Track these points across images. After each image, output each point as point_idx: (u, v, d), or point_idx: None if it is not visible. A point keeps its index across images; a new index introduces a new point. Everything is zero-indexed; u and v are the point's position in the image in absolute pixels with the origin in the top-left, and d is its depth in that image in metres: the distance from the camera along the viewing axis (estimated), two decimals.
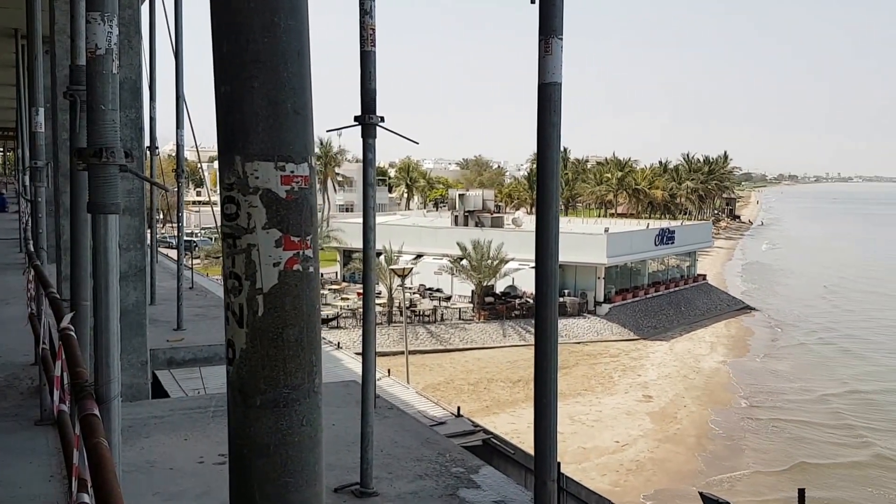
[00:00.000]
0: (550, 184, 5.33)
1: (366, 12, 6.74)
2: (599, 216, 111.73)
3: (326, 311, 48.47)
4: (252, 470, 1.83)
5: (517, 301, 51.15)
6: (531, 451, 5.88)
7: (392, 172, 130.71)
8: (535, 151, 5.39)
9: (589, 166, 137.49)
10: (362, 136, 6.94)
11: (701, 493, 9.33)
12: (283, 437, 1.81)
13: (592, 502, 15.26)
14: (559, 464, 16.91)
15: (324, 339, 31.49)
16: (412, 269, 45.91)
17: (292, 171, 1.81)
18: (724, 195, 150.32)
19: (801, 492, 8.44)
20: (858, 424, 33.61)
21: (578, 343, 47.76)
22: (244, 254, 1.80)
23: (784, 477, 27.97)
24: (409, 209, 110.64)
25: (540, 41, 5.11)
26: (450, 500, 7.05)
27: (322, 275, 63.14)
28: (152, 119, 16.62)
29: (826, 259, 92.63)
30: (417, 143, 8.13)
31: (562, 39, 5.10)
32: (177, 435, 8.03)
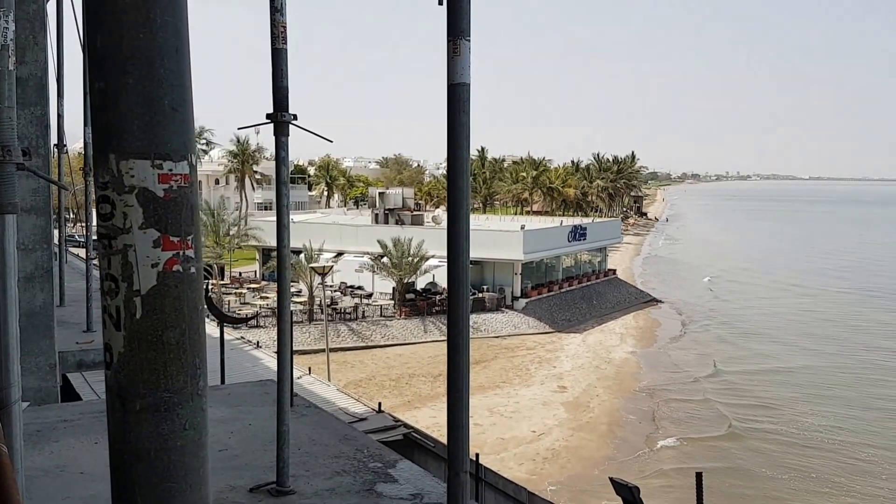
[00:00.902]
0: (460, 182, 5.38)
1: (276, 10, 6.68)
2: (516, 214, 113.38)
3: (245, 311, 47.71)
4: (133, 476, 1.77)
5: (437, 297, 51.35)
6: None
7: (312, 171, 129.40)
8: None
9: (505, 165, 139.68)
10: (275, 135, 6.91)
11: (611, 479, 9.55)
12: (165, 442, 1.76)
13: (509, 491, 15.55)
14: (477, 455, 17.06)
15: (242, 338, 31.08)
16: (332, 267, 45.57)
17: (170, 170, 1.76)
18: (632, 193, 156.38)
19: (699, 475, 8.72)
20: (718, 401, 36.93)
21: (497, 337, 48.29)
22: (120, 255, 1.74)
23: (679, 452, 30.63)
24: (329, 207, 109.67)
25: (448, 42, 5.15)
26: (367, 495, 7.07)
27: (240, 274, 62.16)
28: (60, 116, 16.02)
29: (715, 252, 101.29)
30: (332, 142, 8.09)
31: (469, 41, 5.15)
32: (87, 438, 7.84)
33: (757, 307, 61.46)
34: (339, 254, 54.52)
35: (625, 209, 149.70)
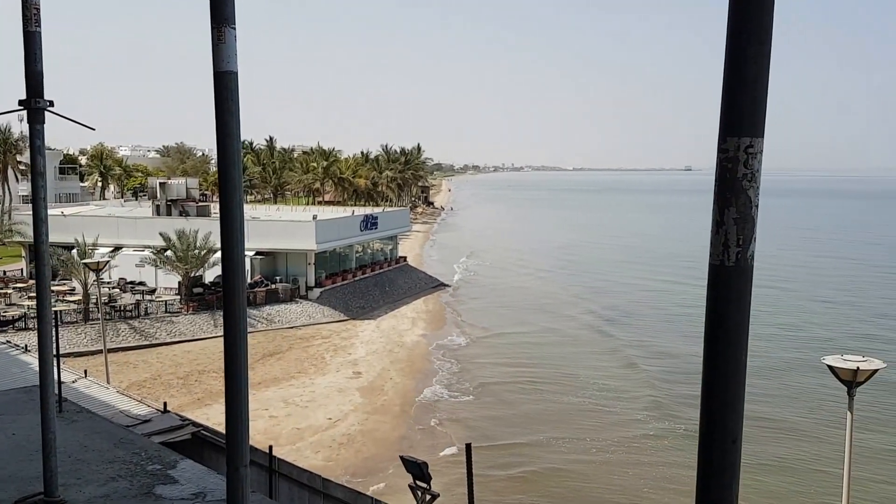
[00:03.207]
0: (232, 172, 5.31)
1: None
2: (308, 204, 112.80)
3: (11, 312, 43.91)
4: None
5: None
6: None
7: (84, 160, 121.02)
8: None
9: (295, 155, 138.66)
10: (28, 122, 6.52)
11: (401, 457, 9.89)
12: None
13: (304, 480, 15.57)
14: (271, 447, 16.94)
15: (8, 342, 28.70)
16: (109, 262, 42.95)
17: None
18: (420, 183, 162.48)
19: (468, 446, 9.25)
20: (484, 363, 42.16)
21: (292, 328, 47.78)
22: None
23: (454, 416, 33.29)
24: (104, 199, 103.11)
25: (213, 29, 5.04)
26: (144, 499, 6.88)
27: (5, 273, 57.06)
28: None
29: (489, 236, 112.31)
30: (94, 129, 7.73)
31: (234, 28, 5.06)
32: None
33: (504, 282, 69.30)
34: (117, 248, 51.54)
35: (413, 199, 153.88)
